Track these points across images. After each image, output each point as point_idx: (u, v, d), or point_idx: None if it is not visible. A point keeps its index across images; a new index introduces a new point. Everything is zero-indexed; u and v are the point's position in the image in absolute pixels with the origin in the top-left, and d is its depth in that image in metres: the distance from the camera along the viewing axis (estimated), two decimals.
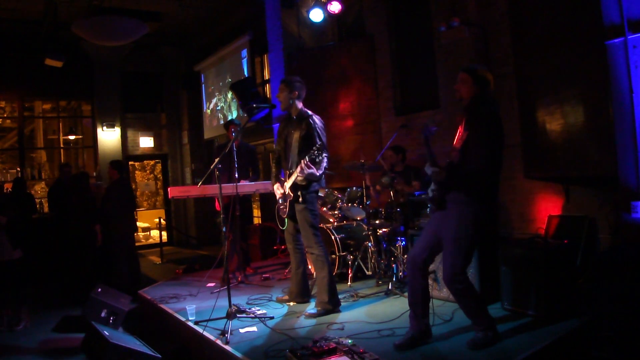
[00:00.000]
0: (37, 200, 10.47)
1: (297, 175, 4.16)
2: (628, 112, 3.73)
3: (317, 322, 4.00)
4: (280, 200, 4.48)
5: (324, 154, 4.13)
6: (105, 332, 3.76)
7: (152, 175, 13.50)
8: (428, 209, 3.38)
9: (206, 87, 11.36)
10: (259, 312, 4.29)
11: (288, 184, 4.30)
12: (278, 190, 4.47)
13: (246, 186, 5.63)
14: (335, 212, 5.76)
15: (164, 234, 11.56)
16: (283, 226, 4.53)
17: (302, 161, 4.06)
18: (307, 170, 4.04)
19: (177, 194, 5.66)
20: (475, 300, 3.24)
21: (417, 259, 3.33)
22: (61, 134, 11.51)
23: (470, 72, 3.27)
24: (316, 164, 4.07)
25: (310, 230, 4.28)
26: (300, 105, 4.38)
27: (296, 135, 4.26)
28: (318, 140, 4.15)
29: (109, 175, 6.84)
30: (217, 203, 6.06)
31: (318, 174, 4.12)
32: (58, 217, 7.41)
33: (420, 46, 6.63)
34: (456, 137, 3.29)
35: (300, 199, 4.24)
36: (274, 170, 4.62)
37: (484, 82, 3.26)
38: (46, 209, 9.52)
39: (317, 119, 4.31)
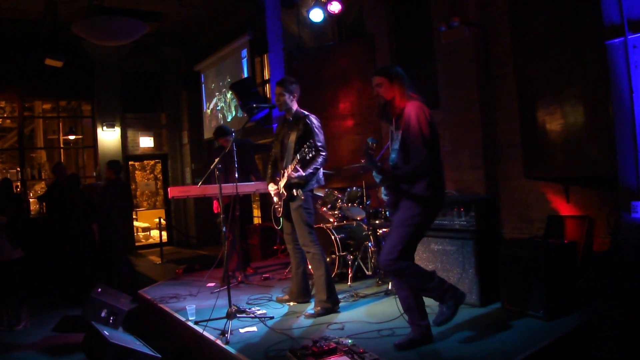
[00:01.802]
0: (32, 201, 10.48)
1: (288, 179, 4.19)
2: (628, 112, 3.73)
3: (316, 322, 4.01)
4: (275, 200, 4.49)
5: (321, 153, 4.13)
6: (105, 332, 3.76)
7: (152, 175, 13.51)
8: (387, 213, 3.44)
9: (206, 87, 11.36)
10: (259, 312, 4.30)
11: (282, 183, 4.31)
12: (272, 190, 4.48)
13: (246, 186, 5.63)
14: (335, 212, 5.76)
15: (164, 234, 11.57)
16: (278, 226, 4.54)
17: (289, 166, 4.11)
18: (294, 175, 4.11)
19: (177, 194, 5.66)
20: (414, 276, 3.23)
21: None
22: (61, 134, 11.52)
23: (383, 73, 3.29)
24: (307, 162, 4.08)
25: (306, 229, 4.28)
26: (295, 106, 4.39)
27: (293, 137, 4.27)
28: (318, 143, 4.16)
29: (106, 175, 6.84)
30: (215, 204, 6.05)
31: (305, 174, 4.13)
32: (56, 217, 7.40)
33: (420, 46, 6.62)
34: (390, 140, 3.33)
35: (294, 197, 4.25)
36: (269, 171, 4.63)
37: (399, 77, 3.27)
38: (44, 210, 9.50)
39: (313, 118, 4.32)
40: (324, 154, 4.17)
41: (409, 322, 3.37)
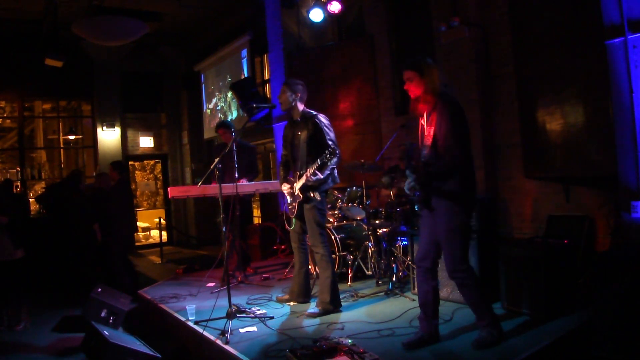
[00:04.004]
0: (32, 201, 10.48)
1: (306, 182, 4.19)
2: (628, 112, 3.73)
3: (317, 321, 4.01)
4: (289, 201, 4.49)
5: (336, 157, 4.09)
6: (105, 332, 3.76)
7: (152, 175, 13.51)
8: (416, 208, 3.42)
9: (206, 87, 11.36)
10: (259, 312, 4.29)
11: (298, 185, 4.31)
12: (286, 190, 4.48)
13: (246, 186, 5.63)
14: (335, 212, 5.76)
15: (164, 234, 11.56)
16: (291, 226, 4.54)
17: (308, 170, 4.12)
18: (312, 178, 4.12)
19: (177, 194, 5.66)
20: (478, 291, 3.23)
21: (425, 261, 3.34)
22: (61, 134, 11.53)
23: (414, 67, 3.21)
24: (326, 166, 4.09)
25: (317, 229, 4.29)
26: (302, 107, 4.41)
27: (303, 137, 4.28)
28: (330, 141, 4.17)
29: (109, 176, 6.83)
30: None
31: (323, 177, 4.15)
32: (56, 218, 7.40)
33: (420, 46, 6.62)
34: (420, 135, 3.29)
35: (311, 199, 4.26)
36: (281, 173, 4.63)
37: (430, 70, 3.20)
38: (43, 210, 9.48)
39: (322, 117, 4.33)
40: (337, 151, 4.11)
41: (420, 317, 3.37)
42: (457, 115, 3.14)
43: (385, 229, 5.22)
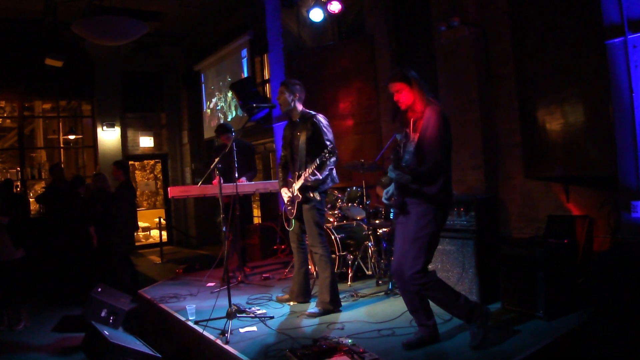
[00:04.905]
0: (32, 201, 10.49)
1: (304, 182, 4.20)
2: (628, 112, 3.73)
3: (317, 321, 4.01)
4: (288, 202, 4.49)
5: (335, 157, 4.10)
6: (105, 332, 3.77)
7: (152, 175, 13.51)
8: (392, 214, 3.42)
9: (206, 86, 11.36)
10: (259, 312, 4.30)
11: (297, 185, 4.31)
12: (285, 193, 4.48)
13: (246, 186, 5.62)
14: (335, 212, 5.76)
15: (164, 233, 11.57)
16: (290, 227, 4.54)
17: (307, 170, 4.12)
18: (311, 178, 4.11)
19: (177, 193, 5.66)
20: (441, 290, 3.21)
21: (401, 269, 3.30)
22: (61, 134, 11.53)
23: (402, 79, 3.23)
24: (325, 165, 4.09)
25: (316, 230, 4.29)
26: (300, 107, 4.41)
27: (303, 137, 4.28)
28: (327, 142, 4.17)
29: (113, 176, 6.82)
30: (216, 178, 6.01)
31: (322, 177, 4.15)
32: (55, 218, 7.40)
33: (420, 46, 6.62)
34: (405, 142, 3.30)
35: (310, 200, 4.26)
36: (280, 175, 4.63)
37: (417, 80, 3.23)
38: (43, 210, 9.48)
39: (321, 118, 4.33)
40: (336, 151, 4.14)
41: (416, 322, 3.37)
42: (443, 123, 3.16)
43: (385, 229, 5.22)
